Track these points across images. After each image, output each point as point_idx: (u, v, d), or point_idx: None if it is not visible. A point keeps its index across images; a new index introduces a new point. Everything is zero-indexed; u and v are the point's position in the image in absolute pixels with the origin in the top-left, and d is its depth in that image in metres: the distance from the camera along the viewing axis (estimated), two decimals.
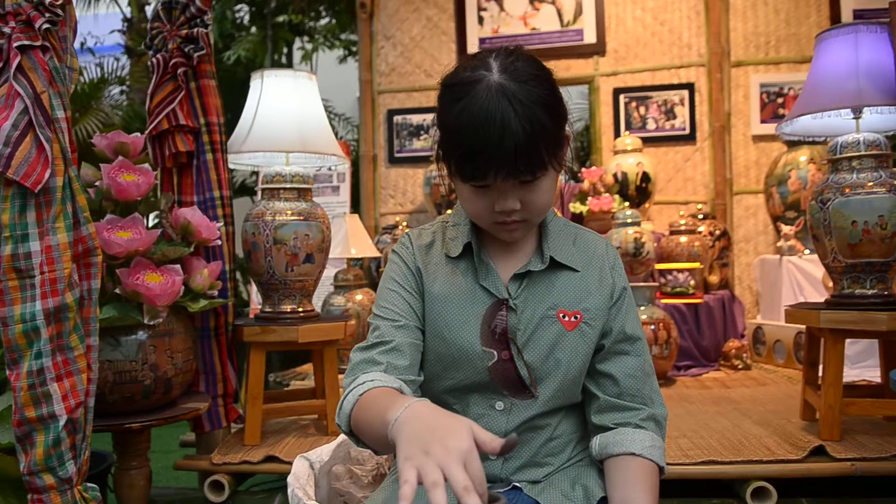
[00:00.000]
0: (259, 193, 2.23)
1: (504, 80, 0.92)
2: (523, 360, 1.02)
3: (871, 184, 1.97)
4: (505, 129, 0.89)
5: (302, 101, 2.20)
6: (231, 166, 2.26)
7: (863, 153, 2.00)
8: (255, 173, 4.27)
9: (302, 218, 2.15)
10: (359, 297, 3.42)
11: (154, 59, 2.02)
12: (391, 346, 1.00)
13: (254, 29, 5.51)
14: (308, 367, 3.80)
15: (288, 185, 2.17)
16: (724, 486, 1.84)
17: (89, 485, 1.49)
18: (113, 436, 1.85)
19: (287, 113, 2.16)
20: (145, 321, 1.74)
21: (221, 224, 2.04)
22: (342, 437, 1.76)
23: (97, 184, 1.78)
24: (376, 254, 3.60)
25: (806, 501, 1.79)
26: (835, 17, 4.10)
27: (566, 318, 1.04)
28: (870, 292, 1.99)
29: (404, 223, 3.92)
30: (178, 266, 1.81)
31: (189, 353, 1.89)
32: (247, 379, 2.20)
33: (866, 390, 2.16)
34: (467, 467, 0.68)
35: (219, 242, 2.02)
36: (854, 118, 2.07)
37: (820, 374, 2.20)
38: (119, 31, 6.22)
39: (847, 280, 2.03)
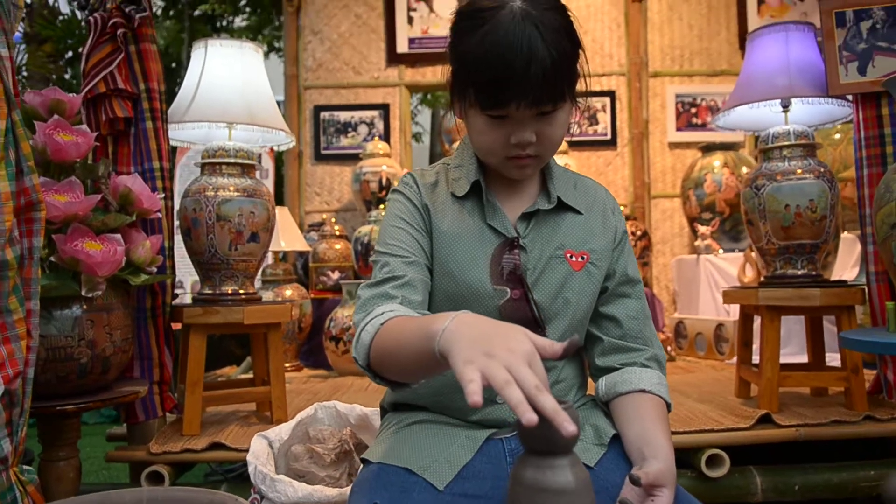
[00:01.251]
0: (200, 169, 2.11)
1: (528, 7, 0.91)
2: (534, 299, 1.01)
3: (800, 171, 2.09)
4: (532, 55, 0.88)
5: (247, 73, 2.11)
6: (171, 143, 2.13)
7: (793, 143, 2.12)
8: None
9: (246, 195, 2.05)
10: (288, 292, 3.31)
11: (91, 19, 1.88)
12: (404, 281, 0.96)
13: (168, 23, 5.28)
14: (230, 370, 3.63)
15: (231, 160, 2.06)
16: (678, 457, 1.88)
17: (26, 467, 1.34)
18: (38, 423, 1.68)
19: (232, 83, 2.07)
20: (83, 293, 1.59)
21: (162, 196, 1.92)
22: (300, 416, 1.68)
23: (29, 142, 1.63)
24: (306, 247, 3.50)
25: (755, 468, 1.85)
26: (742, 35, 4.38)
27: (573, 259, 1.04)
28: (800, 272, 2.11)
29: (333, 219, 3.83)
30: (118, 236, 1.68)
31: (128, 332, 1.75)
32: (181, 365, 2.06)
33: (795, 367, 2.28)
34: (532, 369, 0.65)
35: (159, 215, 1.89)
36: (783, 111, 2.19)
37: (754, 352, 2.33)
38: None
39: (780, 262, 2.14)
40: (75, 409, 1.59)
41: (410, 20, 4.36)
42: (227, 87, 2.05)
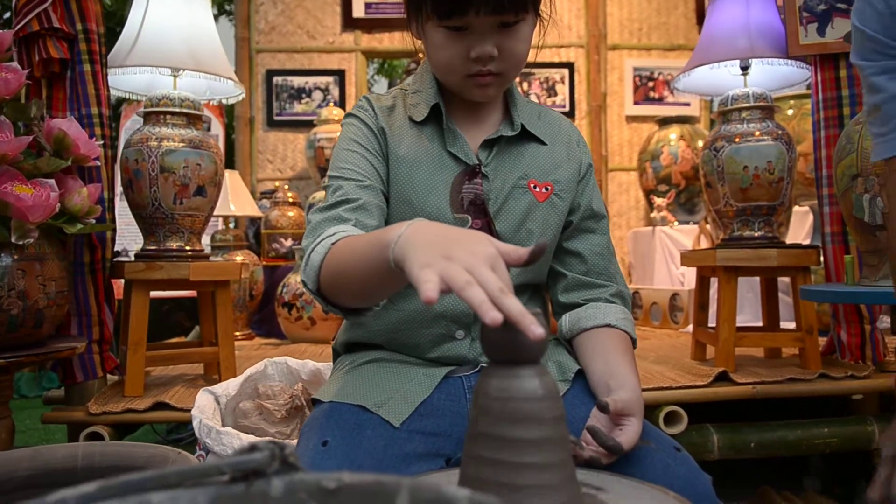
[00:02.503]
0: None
1: None
2: (496, 230, 0.96)
3: (758, 133, 2.08)
4: None
5: (194, 17, 2.00)
6: (111, 92, 2.01)
7: (752, 105, 2.12)
8: None
9: (192, 146, 1.94)
10: (238, 258, 3.20)
11: None
12: (358, 205, 0.90)
13: None
14: (178, 341, 3.51)
15: (176, 110, 1.95)
16: None
17: None
18: None
19: (177, 27, 1.95)
20: (13, 239, 1.48)
21: (101, 143, 1.81)
22: (249, 371, 1.60)
23: None
24: (257, 213, 3.39)
25: (711, 426, 1.86)
26: (700, 10, 4.39)
27: (537, 189, 0.99)
28: (757, 234, 2.11)
29: (286, 186, 3.72)
30: (51, 181, 1.57)
31: (63, 284, 1.64)
32: (124, 323, 1.96)
33: (750, 330, 2.30)
34: (495, 272, 0.60)
35: (98, 163, 1.78)
36: (742, 74, 2.19)
37: (711, 314, 2.33)
38: None
39: (737, 223, 2.14)
40: (6, 363, 1.48)
41: None
42: (172, 31, 1.94)
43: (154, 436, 2.74)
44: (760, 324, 2.35)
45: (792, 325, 2.24)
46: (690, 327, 2.80)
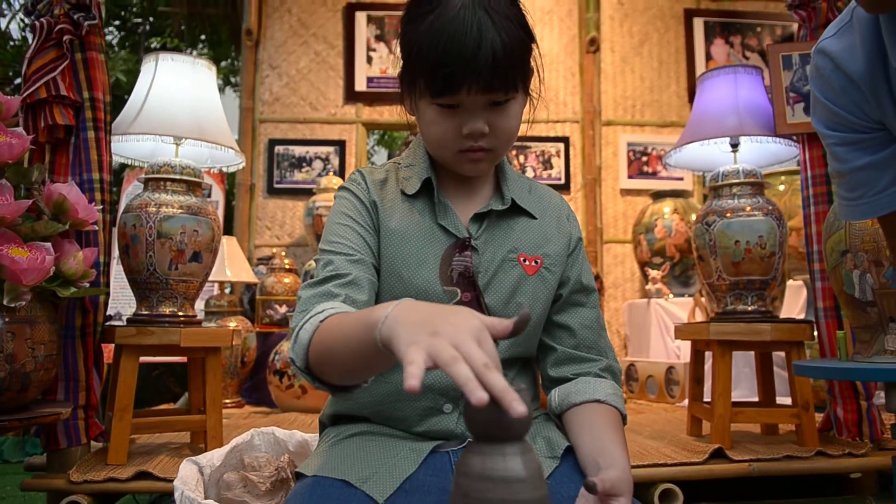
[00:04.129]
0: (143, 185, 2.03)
1: None
2: (485, 303, 0.96)
3: (749, 208, 2.11)
4: (482, 36, 0.85)
5: (199, 89, 2.06)
6: (115, 158, 2.04)
7: (742, 181, 2.16)
8: None
9: (191, 213, 1.96)
10: (232, 324, 3.18)
11: (37, 23, 1.81)
12: (349, 280, 0.90)
13: (123, 52, 5.21)
14: (167, 407, 3.46)
15: (177, 177, 1.99)
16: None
17: None
18: None
19: (182, 98, 2.01)
20: (5, 302, 1.48)
21: (100, 208, 1.83)
22: (235, 441, 1.57)
23: None
24: (253, 279, 3.40)
25: None
26: (691, 89, 4.52)
27: (527, 263, 1.00)
28: (750, 308, 2.11)
29: (283, 253, 3.74)
30: (48, 244, 1.58)
31: (52, 347, 1.63)
32: (112, 388, 1.93)
33: (746, 405, 2.27)
34: (481, 346, 0.60)
35: (96, 227, 1.79)
36: (732, 151, 2.24)
37: (706, 389, 2.31)
38: None
39: (730, 297, 2.15)
40: None
41: (370, 59, 4.38)
42: (177, 101, 1.99)
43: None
44: (756, 398, 2.32)
45: (788, 400, 2.22)
46: (687, 401, 2.77)
